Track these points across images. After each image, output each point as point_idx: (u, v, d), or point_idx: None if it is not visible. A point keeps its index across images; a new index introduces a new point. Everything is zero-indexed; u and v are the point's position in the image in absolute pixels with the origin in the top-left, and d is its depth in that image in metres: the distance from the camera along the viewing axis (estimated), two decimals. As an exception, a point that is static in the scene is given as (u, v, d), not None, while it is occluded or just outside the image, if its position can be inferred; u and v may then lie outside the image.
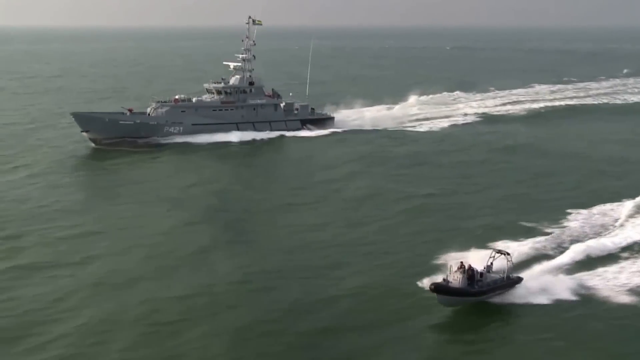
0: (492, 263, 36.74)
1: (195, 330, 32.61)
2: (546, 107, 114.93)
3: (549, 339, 32.31)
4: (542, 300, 36.16)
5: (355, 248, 45.48)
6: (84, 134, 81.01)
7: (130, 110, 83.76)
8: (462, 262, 35.63)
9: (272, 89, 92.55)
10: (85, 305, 36.02)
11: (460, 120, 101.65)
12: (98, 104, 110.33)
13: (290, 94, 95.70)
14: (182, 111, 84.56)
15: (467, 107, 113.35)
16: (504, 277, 36.30)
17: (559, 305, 35.85)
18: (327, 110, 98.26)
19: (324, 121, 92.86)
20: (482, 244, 44.32)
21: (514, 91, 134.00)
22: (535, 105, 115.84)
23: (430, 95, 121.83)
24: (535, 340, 32.23)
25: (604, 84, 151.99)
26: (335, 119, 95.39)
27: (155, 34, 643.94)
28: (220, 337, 31.83)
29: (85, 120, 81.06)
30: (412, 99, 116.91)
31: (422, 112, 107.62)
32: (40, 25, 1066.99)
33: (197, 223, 50.93)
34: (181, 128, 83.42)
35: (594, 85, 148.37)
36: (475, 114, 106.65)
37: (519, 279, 37.19)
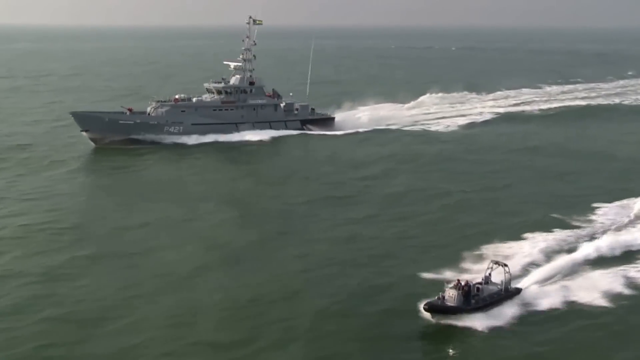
0: (490, 274, 36.66)
1: (271, 314, 35.04)
2: (560, 107, 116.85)
3: (607, 324, 34.83)
4: (594, 293, 37.73)
5: (400, 241, 47.90)
6: (84, 133, 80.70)
7: (130, 110, 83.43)
8: (458, 280, 35.48)
9: (273, 89, 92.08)
10: (159, 293, 38.30)
11: (477, 119, 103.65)
12: (120, 102, 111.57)
13: (291, 94, 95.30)
14: (182, 111, 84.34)
15: (480, 106, 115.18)
16: (502, 289, 36.04)
17: (611, 296, 37.72)
18: (343, 109, 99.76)
19: (324, 121, 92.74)
20: (520, 237, 47.11)
21: (524, 91, 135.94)
22: (549, 105, 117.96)
23: (441, 94, 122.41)
24: (597, 325, 34.73)
25: (613, 84, 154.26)
26: (349, 118, 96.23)
27: (155, 33, 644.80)
28: (296, 319, 34.29)
29: (84, 120, 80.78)
30: (424, 98, 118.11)
31: (436, 111, 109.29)
32: (40, 24, 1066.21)
33: (243, 217, 53.44)
34: (181, 128, 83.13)
35: (603, 85, 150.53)
36: (492, 113, 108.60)
37: (518, 290, 36.98)
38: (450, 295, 34.23)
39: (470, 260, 42.41)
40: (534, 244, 46.06)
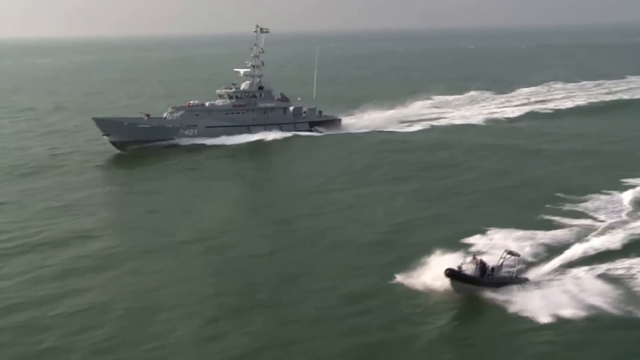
0: (502, 263, 37.81)
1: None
2: (603, 101, 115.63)
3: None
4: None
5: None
6: (105, 137, 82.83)
7: (147, 115, 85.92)
8: (474, 256, 37.74)
9: (281, 93, 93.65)
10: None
11: (509, 115, 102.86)
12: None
13: (299, 98, 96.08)
14: (196, 115, 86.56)
15: (517, 103, 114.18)
16: (512, 276, 37.50)
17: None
18: (368, 110, 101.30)
19: (331, 123, 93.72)
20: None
21: (553, 85, 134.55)
22: (590, 100, 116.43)
23: (457, 94, 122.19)
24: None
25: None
26: (366, 118, 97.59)
27: (208, 41, 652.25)
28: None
29: (106, 125, 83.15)
30: (445, 97, 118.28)
31: (458, 110, 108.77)
32: (94, 36, 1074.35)
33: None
34: (195, 131, 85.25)
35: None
36: (532, 109, 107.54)
37: (525, 280, 37.79)
38: (469, 268, 36.48)
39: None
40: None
